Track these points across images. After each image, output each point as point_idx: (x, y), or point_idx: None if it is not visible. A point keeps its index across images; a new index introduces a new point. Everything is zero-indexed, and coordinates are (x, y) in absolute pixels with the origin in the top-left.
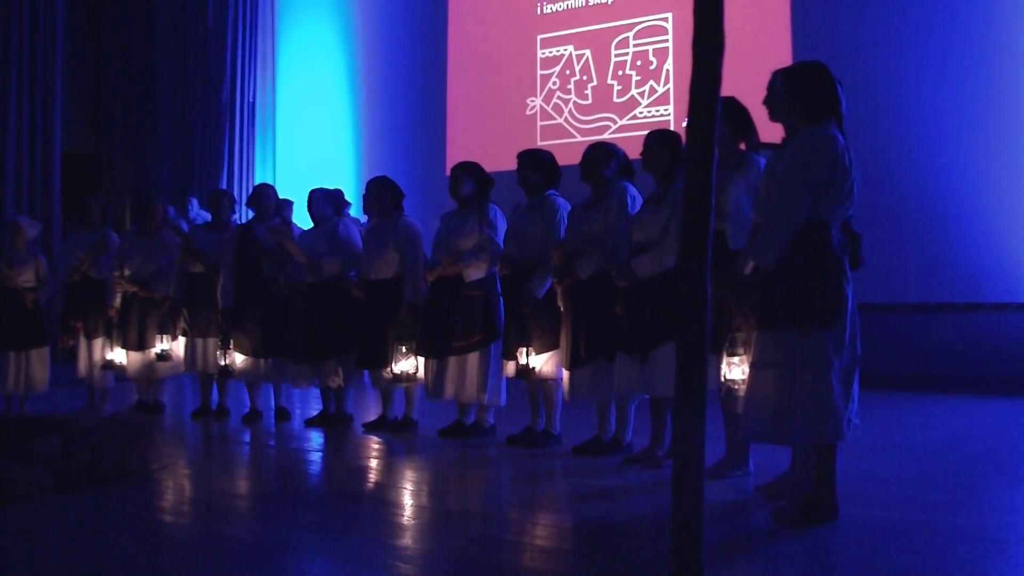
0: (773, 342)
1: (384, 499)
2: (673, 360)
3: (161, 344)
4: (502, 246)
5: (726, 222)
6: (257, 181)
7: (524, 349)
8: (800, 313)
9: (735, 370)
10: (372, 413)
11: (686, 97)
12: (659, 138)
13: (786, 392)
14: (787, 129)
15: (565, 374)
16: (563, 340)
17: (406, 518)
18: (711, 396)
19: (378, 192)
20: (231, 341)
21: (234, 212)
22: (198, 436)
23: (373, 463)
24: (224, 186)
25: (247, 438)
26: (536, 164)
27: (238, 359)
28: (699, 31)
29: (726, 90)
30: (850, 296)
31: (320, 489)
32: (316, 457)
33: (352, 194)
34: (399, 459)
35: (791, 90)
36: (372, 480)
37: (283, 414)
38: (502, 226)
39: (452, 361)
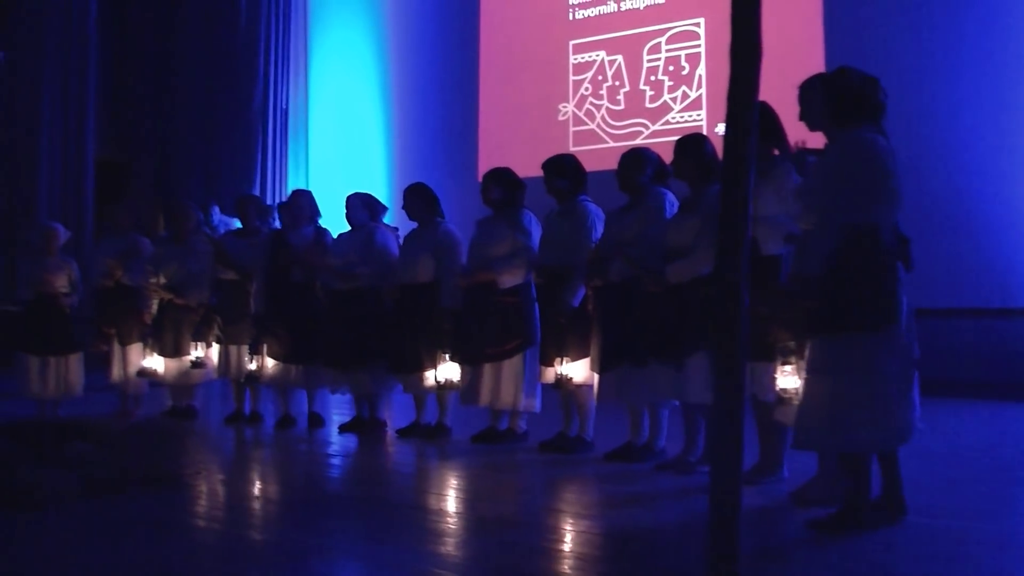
0: (826, 349)
1: (417, 505)
2: (708, 367)
3: (196, 352)
4: (537, 252)
5: (757, 228)
6: (290, 187)
7: (562, 358)
8: (852, 318)
9: (788, 379)
10: (405, 419)
11: (719, 102)
12: (684, 145)
13: (840, 399)
14: (829, 137)
15: (595, 378)
16: (592, 343)
17: (440, 524)
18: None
19: (412, 199)
20: (262, 346)
21: (261, 217)
22: (231, 441)
23: (406, 469)
24: (257, 192)
25: (280, 444)
26: (559, 170)
27: (269, 364)
28: (736, 41)
29: (760, 96)
30: (904, 299)
31: (353, 495)
32: (349, 463)
33: (385, 200)
34: (432, 465)
35: (831, 96)
36: (405, 486)
37: (316, 420)
38: (537, 232)
39: (487, 368)
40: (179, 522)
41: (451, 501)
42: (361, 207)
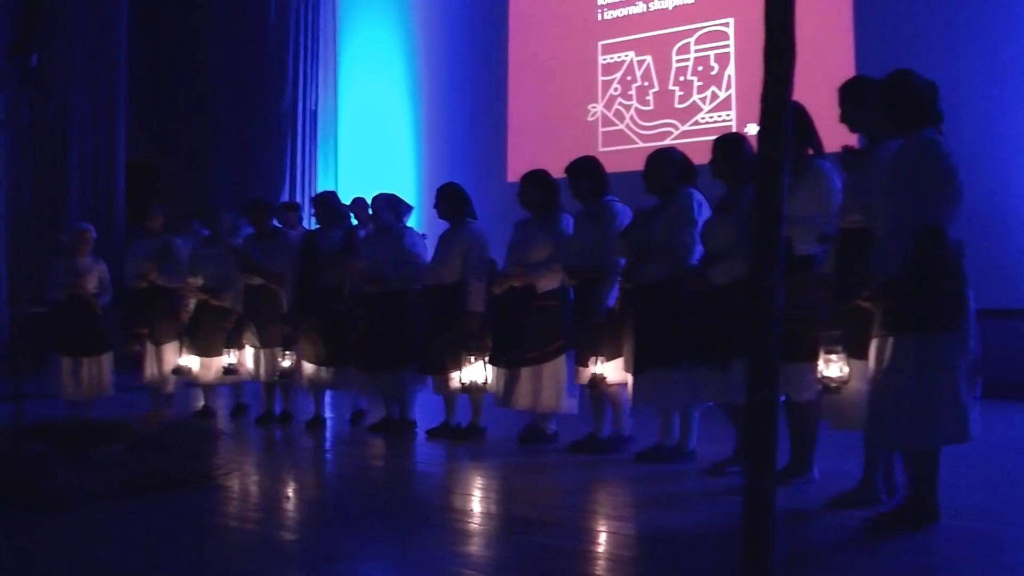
0: (898, 348)
1: (447, 506)
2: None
3: (228, 357)
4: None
5: (791, 228)
6: (320, 189)
7: (596, 358)
8: (924, 318)
9: (834, 367)
10: (436, 420)
11: (748, 102)
12: (722, 145)
13: (913, 398)
14: (869, 138)
15: (629, 379)
16: (626, 345)
17: (470, 525)
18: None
19: (443, 199)
20: (295, 346)
21: (276, 218)
22: (262, 442)
23: (435, 470)
24: (286, 194)
25: (310, 444)
26: (581, 173)
27: (305, 366)
28: (770, 41)
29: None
30: (971, 298)
31: (382, 496)
32: (378, 464)
33: (414, 201)
34: (461, 466)
35: (894, 99)
36: (434, 487)
37: (352, 419)
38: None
39: (525, 371)
40: (209, 523)
41: (481, 502)
42: (387, 208)
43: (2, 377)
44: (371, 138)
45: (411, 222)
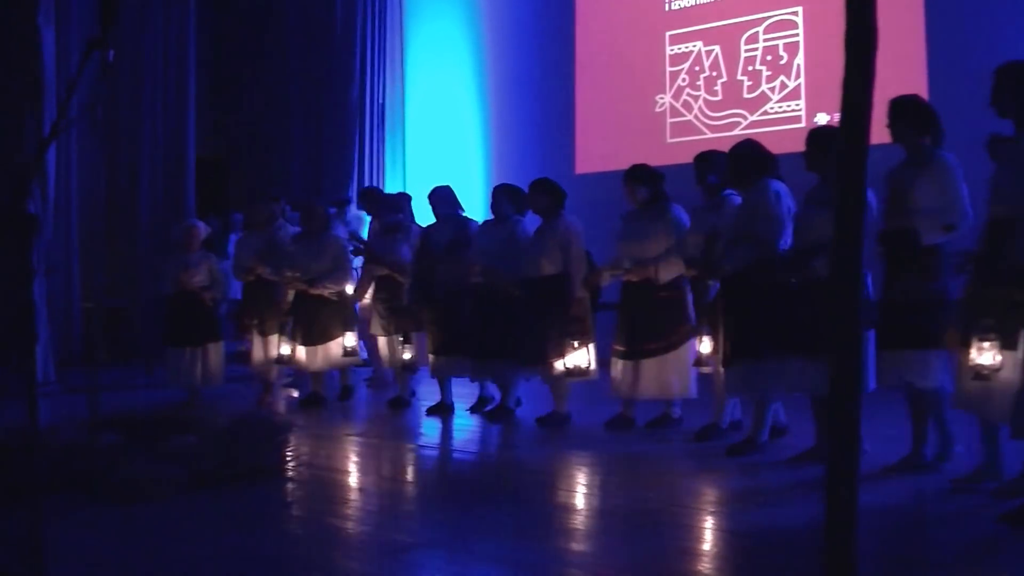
0: None
1: (539, 499)
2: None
3: (345, 340)
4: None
5: (916, 219)
6: (387, 182)
7: (704, 338)
8: None
9: (986, 355)
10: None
11: (817, 91)
12: (816, 138)
13: None
14: (1019, 125)
15: (721, 371)
16: (719, 336)
17: (569, 519)
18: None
19: (535, 194)
20: (411, 336)
21: (401, 212)
22: (337, 433)
23: (527, 460)
24: (355, 187)
25: (394, 435)
26: (707, 166)
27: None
28: (851, 26)
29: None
30: None
31: (467, 487)
32: (466, 454)
33: (481, 194)
34: (548, 454)
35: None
36: (529, 479)
37: (448, 408)
38: (688, 224)
39: (650, 360)
40: (281, 514)
41: (571, 495)
42: (504, 199)
43: (77, 369)
44: (439, 131)
45: (476, 214)
